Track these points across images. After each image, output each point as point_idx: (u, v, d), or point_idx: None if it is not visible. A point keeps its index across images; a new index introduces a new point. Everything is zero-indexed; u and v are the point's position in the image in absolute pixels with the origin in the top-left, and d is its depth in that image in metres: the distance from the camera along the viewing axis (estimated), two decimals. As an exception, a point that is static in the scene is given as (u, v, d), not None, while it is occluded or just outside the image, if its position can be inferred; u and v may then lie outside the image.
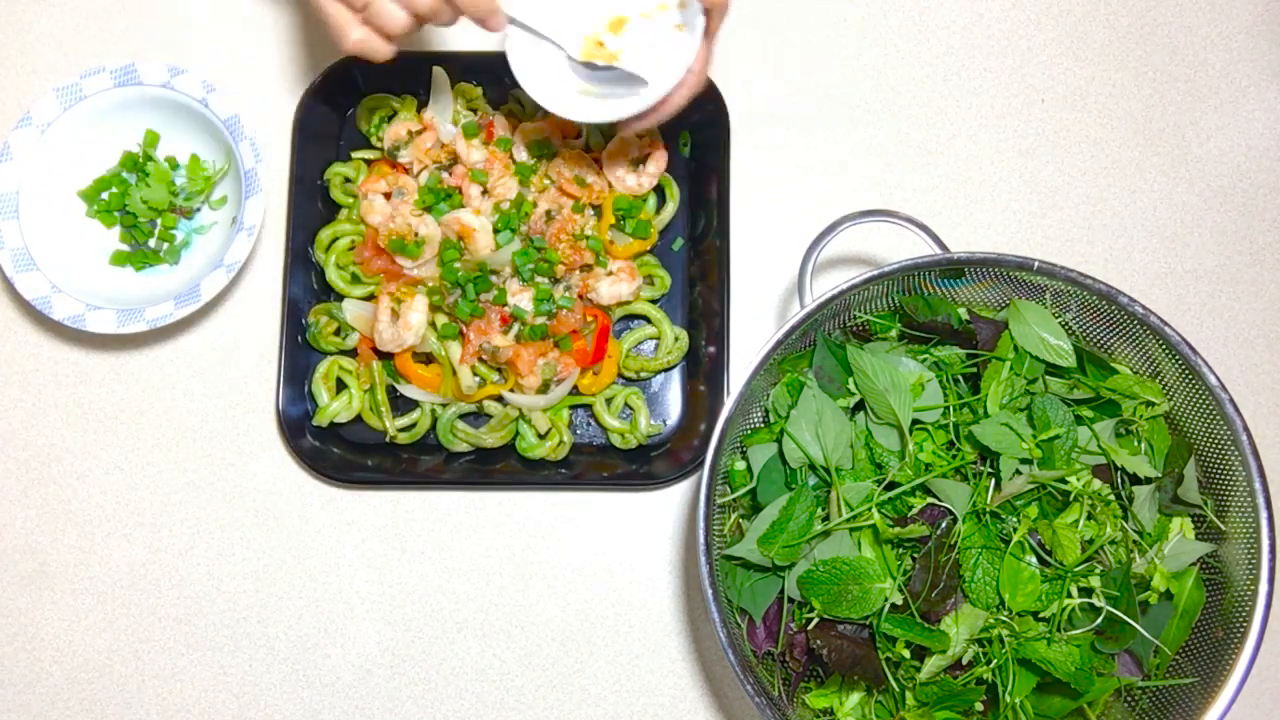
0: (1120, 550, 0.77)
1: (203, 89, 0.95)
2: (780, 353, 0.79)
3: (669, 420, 0.97)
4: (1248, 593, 0.74)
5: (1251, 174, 1.02)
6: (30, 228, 0.94)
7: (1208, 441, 0.78)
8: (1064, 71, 1.04)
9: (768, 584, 0.78)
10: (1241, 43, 1.04)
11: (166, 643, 0.94)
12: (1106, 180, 1.02)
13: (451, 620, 0.95)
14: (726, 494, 0.81)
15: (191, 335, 0.99)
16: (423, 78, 0.98)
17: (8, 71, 1.02)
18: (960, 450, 0.77)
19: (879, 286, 0.81)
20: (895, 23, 1.04)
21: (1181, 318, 0.99)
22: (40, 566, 0.96)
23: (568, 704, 0.94)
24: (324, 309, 0.96)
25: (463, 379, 0.93)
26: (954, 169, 1.02)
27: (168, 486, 0.96)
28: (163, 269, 0.98)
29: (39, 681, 0.94)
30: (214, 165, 0.99)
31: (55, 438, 0.97)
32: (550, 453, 0.95)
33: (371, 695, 0.94)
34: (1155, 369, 0.80)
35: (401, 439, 0.95)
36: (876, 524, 0.75)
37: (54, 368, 0.98)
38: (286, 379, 0.94)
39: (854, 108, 1.03)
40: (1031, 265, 0.78)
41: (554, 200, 0.96)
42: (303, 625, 0.95)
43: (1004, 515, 0.76)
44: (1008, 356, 0.79)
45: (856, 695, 0.79)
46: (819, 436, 0.77)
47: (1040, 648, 0.74)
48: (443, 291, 0.93)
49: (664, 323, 0.97)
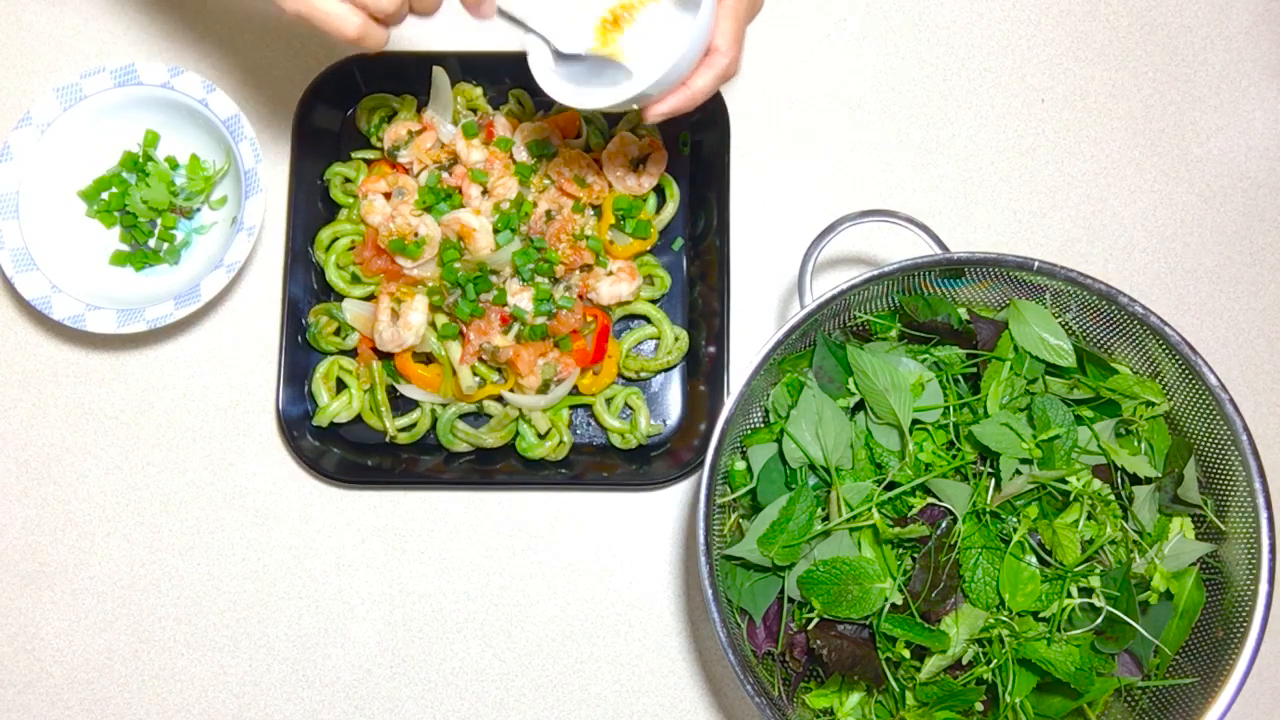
0: (1120, 550, 0.77)
1: (203, 89, 0.95)
2: (780, 353, 0.79)
3: (669, 420, 0.97)
4: (1248, 593, 0.74)
5: (1251, 174, 1.02)
6: (30, 228, 0.94)
7: (1208, 441, 0.78)
8: (1064, 71, 1.04)
9: (768, 584, 0.78)
10: (1241, 43, 1.04)
11: (166, 643, 0.94)
12: (1106, 180, 1.02)
13: (451, 620, 0.95)
14: (726, 494, 0.81)
15: (191, 335, 0.99)
16: (423, 78, 0.98)
17: (8, 71, 1.02)
18: (960, 450, 0.77)
19: (879, 286, 0.81)
20: (895, 23, 1.04)
21: (1181, 318, 0.99)
22: (40, 566, 0.96)
23: (568, 704, 0.94)
24: (324, 309, 0.96)
25: (463, 379, 0.93)
26: (954, 169, 1.02)
27: (168, 486, 0.96)
28: (163, 269, 0.98)
29: (39, 681, 0.94)
30: (214, 165, 0.99)
31: (55, 438, 0.97)
32: (550, 453, 0.95)
33: (371, 695, 0.94)
34: (1155, 369, 0.80)
35: (401, 439, 0.95)
36: (876, 524, 0.75)
37: (54, 368, 0.98)
38: (286, 379, 0.94)
39: (854, 108, 1.03)
40: (1031, 265, 0.78)
41: (554, 200, 0.96)
42: (303, 625, 0.95)
43: (1004, 515, 0.76)
44: (1008, 356, 0.79)
45: (856, 695, 0.79)
46: (819, 436, 0.77)
47: (1040, 648, 0.74)
48: (443, 291, 0.93)
49: (664, 323, 0.97)
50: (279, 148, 0.99)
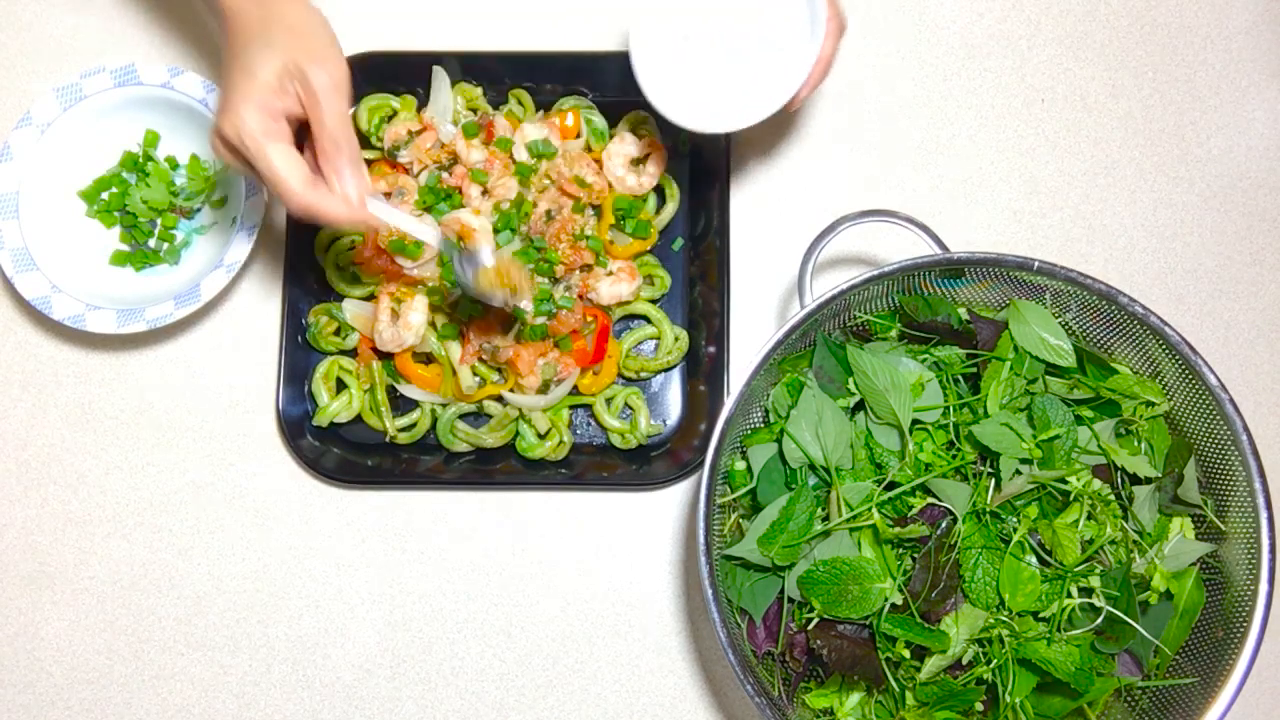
0: (1120, 550, 0.77)
1: (203, 89, 0.95)
2: (780, 353, 0.79)
3: (669, 420, 0.97)
4: (1248, 593, 0.74)
5: (1251, 174, 1.02)
6: (30, 228, 0.94)
7: (1208, 441, 0.78)
8: (1064, 71, 1.04)
9: (768, 584, 0.78)
10: (1241, 43, 1.04)
11: (166, 643, 0.94)
12: (1106, 180, 1.02)
13: (451, 620, 0.95)
14: (726, 494, 0.81)
15: (191, 335, 0.99)
16: (423, 78, 0.98)
17: (8, 71, 1.02)
18: (960, 450, 0.77)
19: (879, 286, 0.81)
20: (895, 23, 1.04)
21: (1181, 318, 0.99)
22: (40, 567, 0.96)
23: (568, 704, 0.94)
24: (324, 309, 0.96)
25: (463, 379, 0.93)
26: (954, 169, 1.02)
27: (168, 486, 0.96)
28: (163, 269, 0.98)
29: (39, 681, 0.94)
30: (214, 165, 0.99)
31: (55, 438, 0.97)
32: (550, 453, 0.95)
33: (371, 695, 0.94)
34: (1155, 369, 0.80)
35: (401, 439, 0.95)
36: (876, 524, 0.75)
37: (54, 368, 0.98)
38: (286, 379, 0.94)
39: (854, 108, 1.03)
40: (1031, 265, 0.78)
41: (554, 200, 0.96)
42: (303, 625, 0.95)
43: (1004, 515, 0.76)
44: (1008, 356, 0.79)
45: (856, 695, 0.79)
46: (819, 436, 0.77)
47: (1040, 648, 0.74)
48: (443, 291, 0.93)
49: (664, 323, 0.97)
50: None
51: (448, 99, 0.98)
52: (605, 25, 1.03)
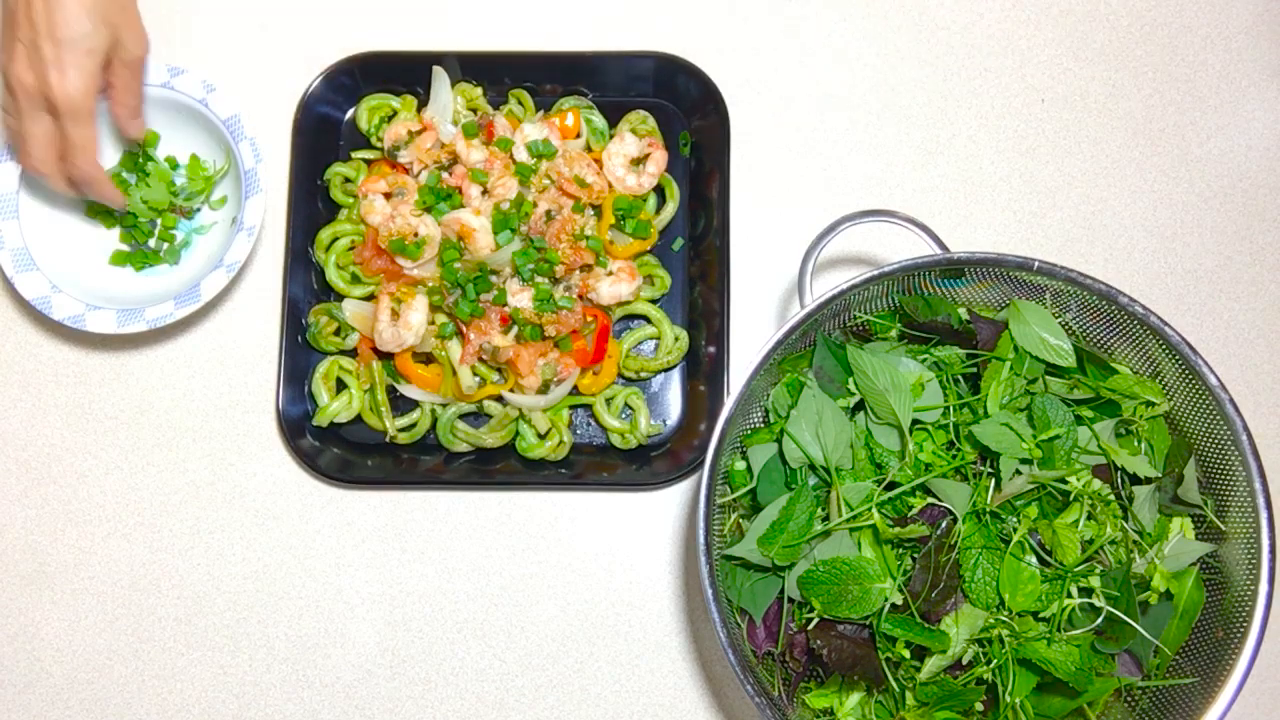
0: (1120, 550, 0.77)
1: (203, 89, 0.95)
2: (780, 353, 0.79)
3: (669, 420, 0.97)
4: (1248, 593, 0.74)
5: (1251, 174, 1.02)
6: (30, 228, 0.94)
7: (1208, 441, 0.78)
8: (1064, 71, 1.04)
9: (768, 584, 0.78)
10: (1241, 43, 1.04)
11: (166, 643, 0.94)
12: (1106, 180, 1.02)
13: (451, 620, 0.95)
14: (726, 494, 0.81)
15: (191, 335, 0.99)
16: (423, 78, 0.98)
17: (8, 71, 1.02)
18: (960, 450, 0.77)
19: (879, 286, 0.81)
20: (895, 23, 1.04)
21: (1181, 318, 0.99)
22: (40, 566, 0.96)
23: (568, 704, 0.94)
24: (324, 309, 0.96)
25: (463, 379, 0.93)
26: (954, 169, 1.02)
27: (168, 486, 0.96)
28: (163, 269, 0.98)
29: (39, 681, 0.94)
30: (214, 165, 0.99)
31: (55, 438, 0.97)
32: (550, 453, 0.95)
33: (371, 695, 0.94)
34: (1155, 369, 0.80)
35: (401, 439, 0.95)
36: (876, 524, 0.75)
37: (54, 368, 0.98)
38: (286, 379, 0.94)
39: (854, 108, 1.03)
40: (1031, 265, 0.78)
41: (554, 200, 0.96)
42: (303, 625, 0.95)
43: (1004, 515, 0.76)
44: (1008, 356, 0.79)
45: (856, 695, 0.79)
46: (819, 436, 0.77)
47: (1040, 648, 0.74)
48: (443, 291, 0.93)
49: (664, 323, 0.97)
50: (279, 148, 0.99)
51: (448, 99, 0.98)
52: (605, 25, 1.03)
